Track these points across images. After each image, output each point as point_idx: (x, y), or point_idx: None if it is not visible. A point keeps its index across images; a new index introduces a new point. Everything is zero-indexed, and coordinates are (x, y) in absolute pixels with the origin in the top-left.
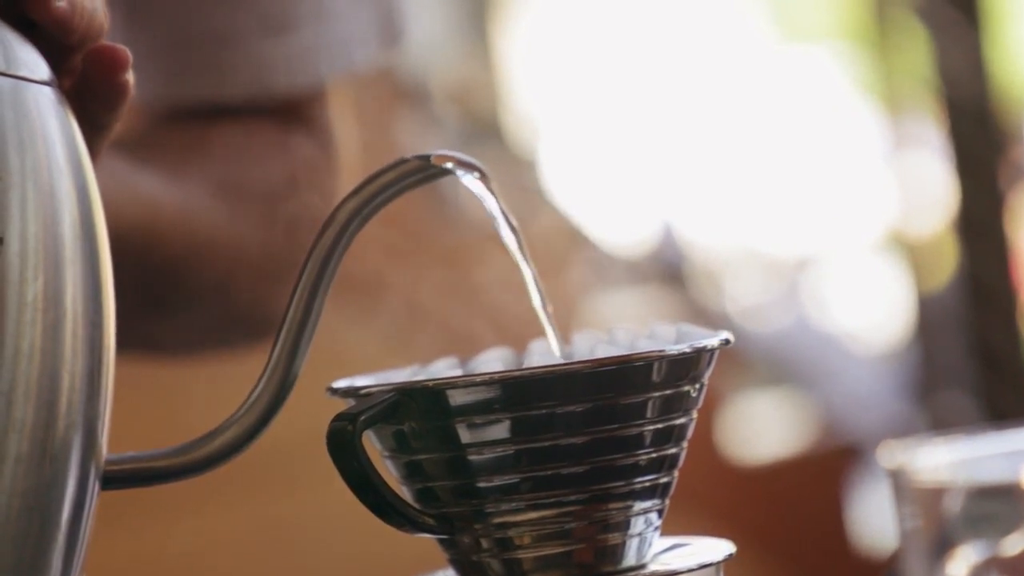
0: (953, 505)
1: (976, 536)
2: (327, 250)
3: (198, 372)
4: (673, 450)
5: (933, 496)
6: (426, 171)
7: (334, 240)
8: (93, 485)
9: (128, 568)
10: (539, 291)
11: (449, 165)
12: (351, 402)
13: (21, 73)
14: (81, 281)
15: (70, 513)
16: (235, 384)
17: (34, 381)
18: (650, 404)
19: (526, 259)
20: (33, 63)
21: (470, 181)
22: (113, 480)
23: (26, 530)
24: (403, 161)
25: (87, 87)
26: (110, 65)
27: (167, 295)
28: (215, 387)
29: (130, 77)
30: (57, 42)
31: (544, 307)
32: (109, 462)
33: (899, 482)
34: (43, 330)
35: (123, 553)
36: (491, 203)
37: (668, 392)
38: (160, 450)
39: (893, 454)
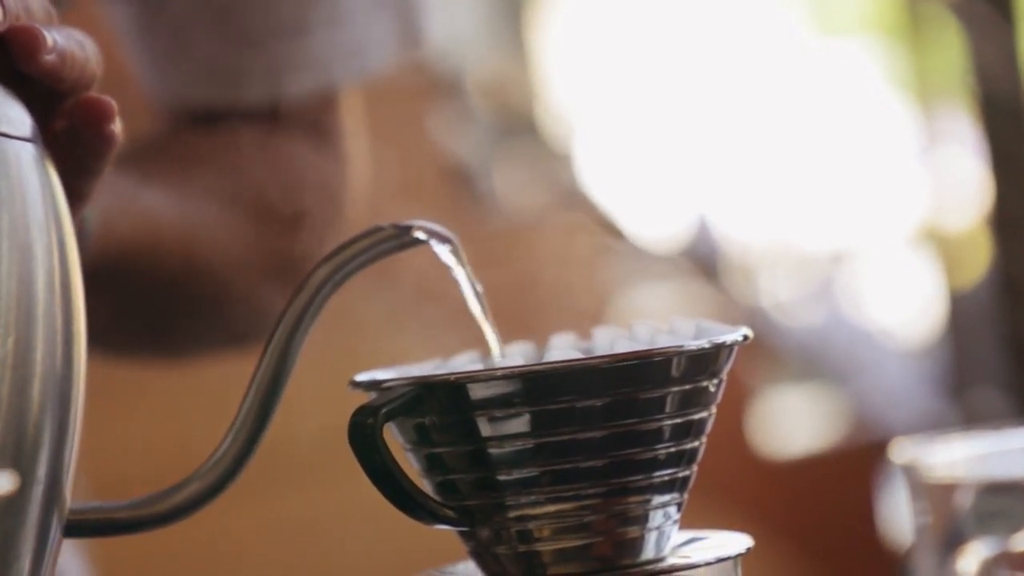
0: (965, 501)
1: (987, 532)
2: (298, 314)
3: (194, 375)
4: (692, 444)
5: (945, 492)
6: (400, 239)
7: (305, 305)
8: (54, 535)
9: (148, 562)
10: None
11: (422, 235)
12: (373, 395)
13: (2, 129)
14: (53, 337)
15: (31, 562)
16: (229, 387)
17: None
18: (669, 399)
19: (492, 330)
20: (16, 119)
21: (442, 252)
22: (75, 529)
23: None
24: (378, 229)
25: (75, 136)
26: (97, 117)
27: (167, 306)
28: (211, 390)
29: (117, 127)
30: (48, 91)
31: None
32: (72, 511)
33: (912, 477)
34: (11, 387)
35: (143, 547)
36: (459, 274)
37: (687, 387)
38: (123, 501)
39: (906, 449)
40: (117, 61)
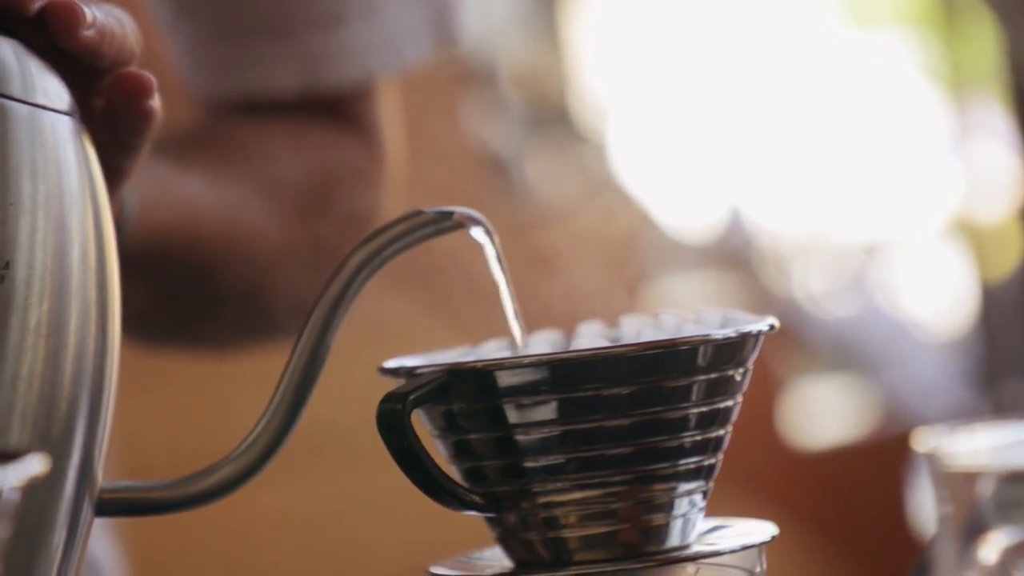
0: (986, 490)
1: (1008, 521)
2: (335, 298)
3: (222, 366)
4: (718, 433)
5: (965, 481)
6: (438, 224)
7: (342, 289)
8: (86, 512)
9: (177, 541)
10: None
11: (461, 221)
12: (401, 382)
13: (39, 101)
14: (87, 310)
15: (63, 538)
16: (258, 379)
17: (32, 406)
18: (695, 387)
19: (517, 319)
20: (54, 92)
21: (477, 233)
22: (107, 508)
23: (14, 553)
24: (416, 213)
25: (114, 111)
26: (135, 92)
27: (206, 295)
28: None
29: (156, 103)
30: (87, 67)
31: None
32: (104, 490)
33: (933, 466)
34: (44, 356)
35: (172, 525)
36: (491, 254)
37: (713, 376)
38: (156, 482)
39: (929, 438)
40: (155, 50)
